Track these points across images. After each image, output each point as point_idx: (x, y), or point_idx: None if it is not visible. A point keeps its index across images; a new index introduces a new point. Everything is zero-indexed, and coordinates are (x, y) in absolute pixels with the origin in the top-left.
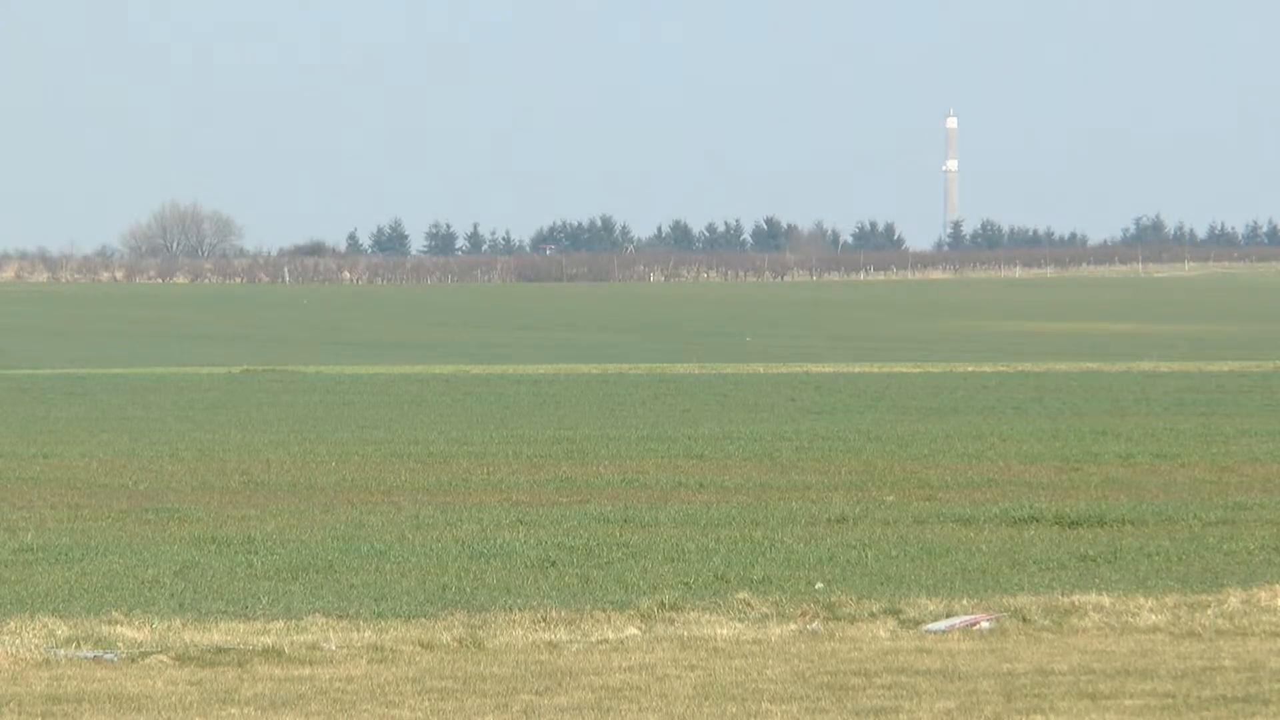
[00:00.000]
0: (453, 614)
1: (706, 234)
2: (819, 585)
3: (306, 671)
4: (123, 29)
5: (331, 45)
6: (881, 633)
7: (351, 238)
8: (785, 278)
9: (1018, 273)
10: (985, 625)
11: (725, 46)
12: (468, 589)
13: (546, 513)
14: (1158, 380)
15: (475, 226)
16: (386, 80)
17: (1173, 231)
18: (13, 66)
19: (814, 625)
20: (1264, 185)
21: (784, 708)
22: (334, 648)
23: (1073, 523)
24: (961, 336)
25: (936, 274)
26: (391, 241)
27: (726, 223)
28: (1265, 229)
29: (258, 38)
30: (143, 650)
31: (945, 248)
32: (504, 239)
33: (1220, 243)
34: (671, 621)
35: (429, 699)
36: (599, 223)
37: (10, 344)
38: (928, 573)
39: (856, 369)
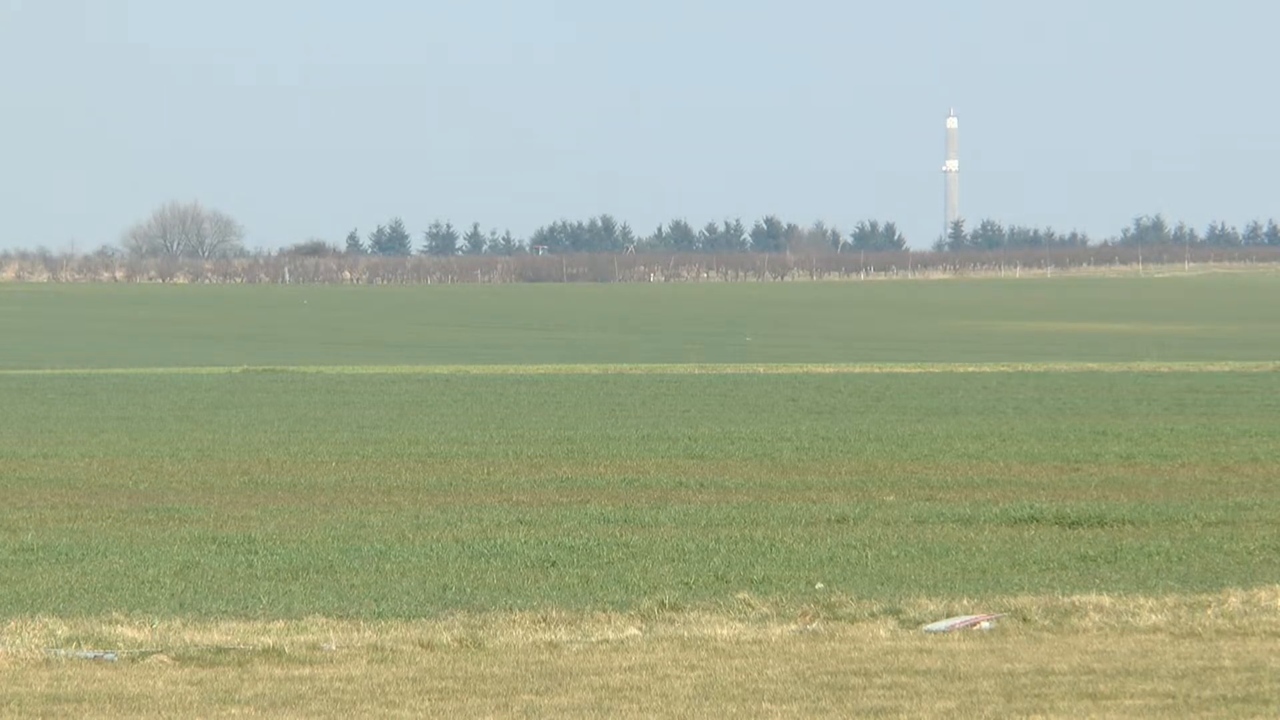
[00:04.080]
0: (453, 614)
1: (706, 234)
2: (819, 585)
3: (307, 671)
4: (123, 29)
5: (332, 45)
6: (882, 633)
7: (351, 238)
8: (785, 278)
9: (1018, 273)
10: (985, 625)
11: (725, 46)
12: (468, 589)
13: (546, 513)
14: (1158, 380)
15: (475, 226)
16: (386, 80)
17: (1173, 231)
18: (13, 66)
19: (814, 625)
20: (1264, 185)
21: (784, 708)
22: (334, 648)
23: (1073, 523)
24: (961, 336)
25: (937, 274)
26: (391, 241)
27: (726, 223)
28: (1265, 229)
29: (258, 37)
30: (143, 650)
31: (945, 248)
32: (504, 239)
33: (1220, 243)
34: (672, 621)
35: (429, 699)
36: (599, 223)
37: (10, 344)
38: (928, 573)
39: (856, 369)
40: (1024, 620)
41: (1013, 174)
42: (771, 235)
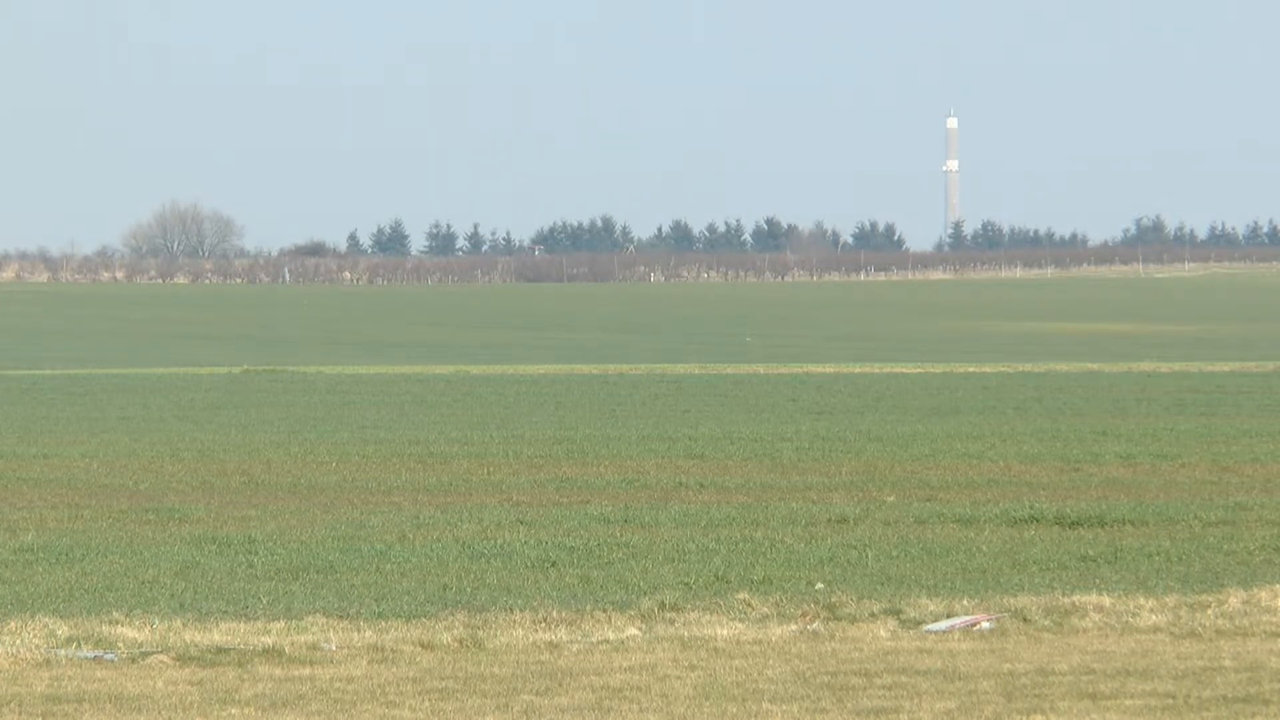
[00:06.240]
0: (453, 614)
1: (706, 234)
2: (819, 585)
3: (307, 671)
4: (123, 29)
5: (332, 45)
6: (882, 633)
7: (351, 238)
8: (785, 278)
9: (1018, 273)
10: (986, 625)
11: (725, 46)
12: (468, 589)
13: (546, 513)
14: (1158, 380)
15: (475, 226)
16: (387, 80)
17: (1173, 231)
18: (13, 67)
19: (814, 625)
20: (1264, 185)
21: (784, 708)
22: (334, 648)
23: (1073, 523)
24: (961, 336)
25: (937, 274)
26: (392, 241)
27: (727, 223)
28: (1265, 229)
29: (258, 37)
30: (143, 650)
31: (946, 248)
32: (504, 239)
33: (1220, 243)
34: (672, 622)
35: (429, 699)
36: (599, 223)
37: (10, 344)
38: (928, 573)
39: (856, 369)
40: (1024, 620)
41: (1013, 174)
42: (772, 235)
